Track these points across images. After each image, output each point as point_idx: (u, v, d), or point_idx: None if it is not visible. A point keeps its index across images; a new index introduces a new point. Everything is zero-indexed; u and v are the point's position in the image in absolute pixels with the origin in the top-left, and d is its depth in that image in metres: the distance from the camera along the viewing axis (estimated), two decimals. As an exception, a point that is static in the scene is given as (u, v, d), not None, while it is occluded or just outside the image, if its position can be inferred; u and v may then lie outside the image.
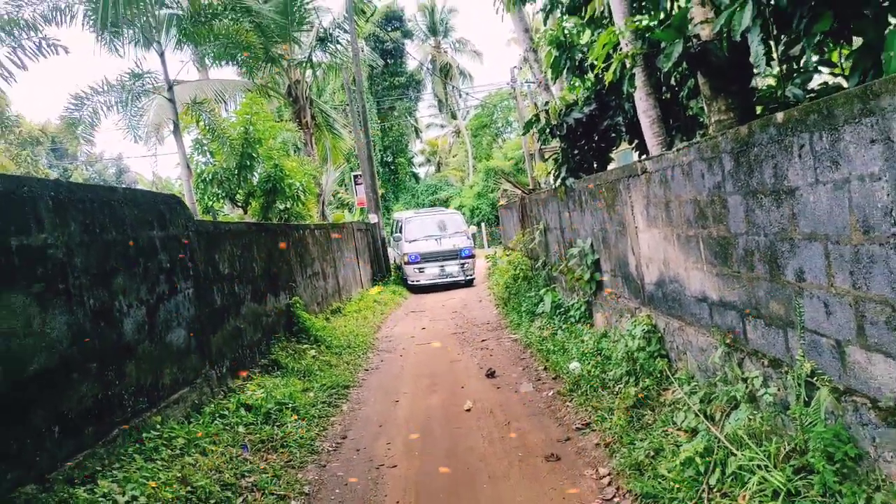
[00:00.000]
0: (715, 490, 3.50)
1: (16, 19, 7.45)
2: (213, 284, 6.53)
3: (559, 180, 9.59)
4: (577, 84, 9.50)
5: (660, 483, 3.86)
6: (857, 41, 4.73)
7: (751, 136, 3.81)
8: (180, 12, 9.51)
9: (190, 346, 5.78)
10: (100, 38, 9.12)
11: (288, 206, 13.97)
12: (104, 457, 4.16)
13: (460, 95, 51.99)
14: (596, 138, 9.50)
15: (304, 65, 18.49)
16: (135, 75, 9.65)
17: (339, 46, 19.77)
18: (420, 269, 17.95)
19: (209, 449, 4.87)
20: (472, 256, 18.34)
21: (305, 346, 8.93)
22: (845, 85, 4.94)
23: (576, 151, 9.56)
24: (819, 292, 3.28)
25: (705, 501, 3.46)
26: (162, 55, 9.59)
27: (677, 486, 3.71)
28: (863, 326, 2.97)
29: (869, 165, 2.79)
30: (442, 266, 17.89)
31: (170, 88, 9.80)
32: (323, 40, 19.14)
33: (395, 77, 44.04)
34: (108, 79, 9.23)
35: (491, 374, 7.74)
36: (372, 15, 30.20)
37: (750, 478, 3.31)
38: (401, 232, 18.86)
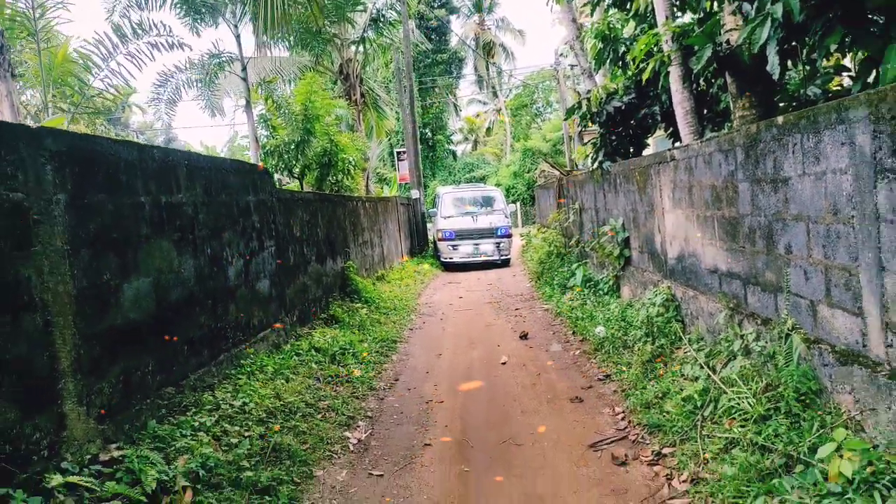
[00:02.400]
0: (708, 419, 4.35)
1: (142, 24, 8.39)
2: (288, 244, 7.55)
3: (596, 163, 10.32)
4: (618, 74, 10.19)
5: (664, 416, 4.73)
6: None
7: (758, 134, 4.58)
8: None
9: (272, 294, 6.81)
10: (184, 21, 10.12)
11: (339, 178, 14.98)
12: (216, 374, 5.21)
13: (499, 73, 52.25)
14: (633, 125, 10.20)
15: (357, 44, 19.33)
16: (213, 55, 10.66)
17: (390, 27, 20.57)
18: (454, 246, 17.49)
19: (291, 377, 5.90)
20: (510, 236, 17.80)
21: (357, 304, 9.96)
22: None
23: (613, 137, 10.29)
24: (801, 262, 4.08)
25: (699, 427, 4.32)
26: (238, 37, 10.57)
27: (678, 417, 4.58)
28: (829, 289, 3.77)
29: (839, 162, 3.57)
30: (476, 244, 17.33)
31: (244, 68, 10.80)
32: (375, 21, 19.96)
33: (437, 54, 44.43)
34: (190, 59, 10.25)
35: (524, 336, 8.64)
36: (425, 1, 30.78)
37: (736, 409, 4.16)
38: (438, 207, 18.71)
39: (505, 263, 17.64)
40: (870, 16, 5.08)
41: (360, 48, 20.32)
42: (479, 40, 49.83)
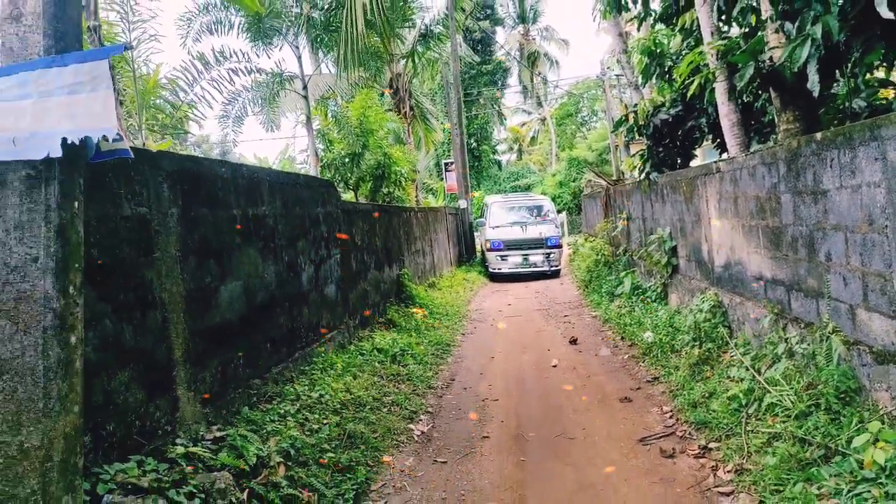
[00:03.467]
0: (752, 416, 4.63)
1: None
2: (351, 252, 8.10)
3: (643, 174, 10.58)
4: (664, 88, 10.44)
5: (710, 414, 5.02)
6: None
7: (799, 149, 4.86)
8: (317, 22, 11.14)
9: (337, 298, 7.34)
10: (253, 45, 10.90)
11: (391, 190, 15.57)
12: (293, 370, 5.74)
13: (545, 83, 52.46)
14: (680, 137, 10.43)
15: (406, 59, 19.98)
16: (276, 75, 11.41)
17: (437, 41, 21.17)
18: (502, 256, 17.17)
19: (358, 374, 6.40)
20: (560, 246, 17.44)
21: (413, 310, 10.44)
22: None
23: (660, 149, 10.53)
24: (840, 269, 4.34)
25: (744, 423, 4.60)
26: (299, 58, 11.30)
27: (723, 415, 4.86)
28: (866, 293, 4.03)
29: (873, 176, 3.84)
30: (525, 255, 16.95)
31: (304, 86, 11.50)
32: (424, 36, 20.59)
33: (482, 65, 44.91)
34: (256, 79, 11.01)
35: (573, 342, 8.96)
36: (471, 12, 31.41)
37: (778, 406, 4.43)
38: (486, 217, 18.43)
39: (555, 275, 17.22)
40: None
41: (410, 62, 20.97)
42: (523, 51, 50.22)
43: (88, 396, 2.77)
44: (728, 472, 4.23)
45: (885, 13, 4.35)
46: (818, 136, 4.54)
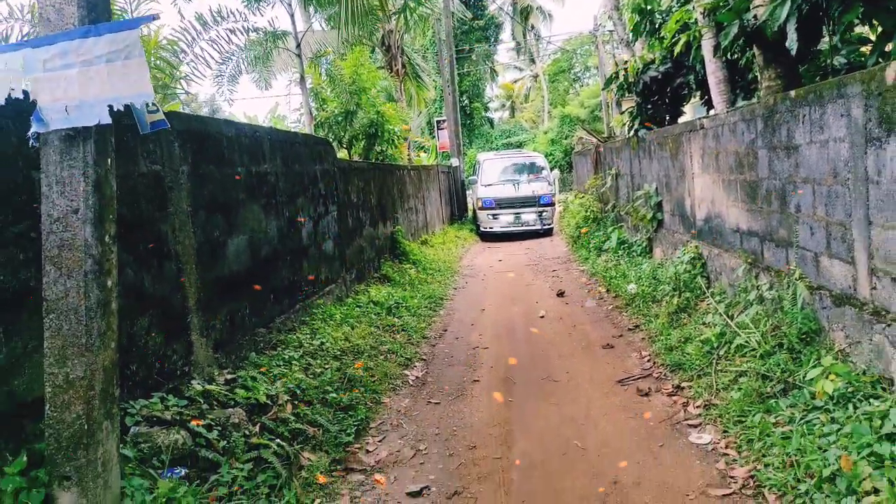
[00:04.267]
0: (722, 357, 5.01)
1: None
2: (347, 209, 8.35)
3: (632, 131, 10.80)
4: (655, 45, 10.57)
5: (684, 357, 5.41)
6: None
7: (775, 106, 5.12)
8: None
9: (335, 254, 7.64)
10: (245, 2, 10.90)
11: (384, 148, 15.70)
12: (294, 320, 6.07)
13: (538, 39, 51.80)
14: (669, 94, 10.64)
15: (398, 15, 19.79)
16: (270, 34, 11.43)
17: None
18: (494, 215, 16.85)
19: (356, 325, 6.74)
20: (553, 204, 17.18)
21: (406, 265, 10.77)
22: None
23: (649, 106, 10.74)
24: (807, 220, 4.66)
25: (714, 364, 4.98)
26: (292, 16, 11.30)
27: (696, 357, 5.25)
28: (829, 242, 4.36)
29: (839, 131, 4.12)
30: (518, 213, 16.70)
31: (298, 45, 11.54)
32: (416, -8, 20.35)
33: (474, 20, 44.22)
34: (251, 38, 11.02)
35: (561, 294, 9.33)
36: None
37: (746, 347, 4.81)
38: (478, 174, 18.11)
39: (547, 233, 17.02)
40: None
41: (402, 18, 20.78)
42: (516, 5, 49.42)
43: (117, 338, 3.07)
44: (697, 407, 4.63)
45: (859, -25, 4.56)
46: (792, 93, 4.80)
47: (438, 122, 24.70)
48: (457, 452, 4.31)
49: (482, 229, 17.28)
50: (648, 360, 5.87)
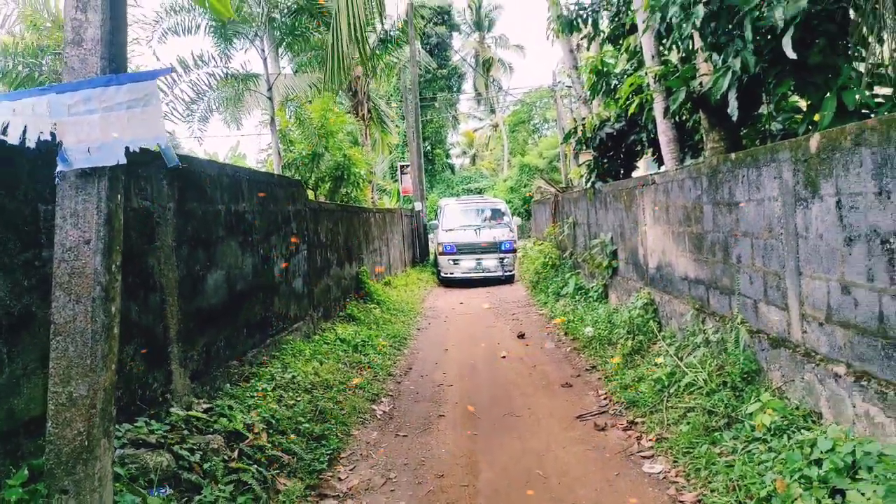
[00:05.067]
0: (672, 395, 5.38)
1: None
2: (316, 249, 8.57)
3: (589, 183, 11.41)
4: (610, 104, 11.31)
5: (638, 395, 5.76)
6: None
7: (718, 166, 5.66)
8: (283, 26, 11.54)
9: (304, 291, 7.82)
10: (217, 45, 11.22)
11: (349, 190, 16.02)
12: (265, 354, 6.21)
13: (499, 90, 53.60)
14: (623, 150, 11.32)
15: (366, 63, 20.42)
16: (242, 77, 11.75)
17: (396, 46, 21.70)
18: (455, 260, 16.68)
19: (324, 360, 6.90)
20: (514, 251, 17.07)
21: (371, 305, 10.97)
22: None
23: (605, 160, 11.40)
24: (747, 269, 5.13)
25: (665, 401, 5.34)
26: (265, 60, 11.66)
27: (649, 394, 5.61)
28: (766, 290, 4.82)
29: (772, 191, 4.63)
30: (479, 259, 16.57)
31: (269, 89, 11.87)
32: (383, 41, 21.09)
33: (438, 70, 45.56)
34: (221, 76, 11.30)
35: (521, 336, 9.66)
36: (429, 21, 32.01)
37: (693, 386, 5.19)
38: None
39: (509, 280, 16.86)
40: (813, 70, 6.17)
41: (369, 66, 21.43)
42: (478, 57, 51.27)
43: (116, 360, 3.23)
44: (650, 440, 4.96)
45: (790, 53, 5.20)
46: (733, 156, 5.34)
47: (402, 166, 25.23)
48: (425, 481, 4.51)
49: (442, 275, 17.09)
50: (605, 398, 6.20)
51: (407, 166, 24.52)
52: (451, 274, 16.78)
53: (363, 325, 9.62)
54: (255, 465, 3.96)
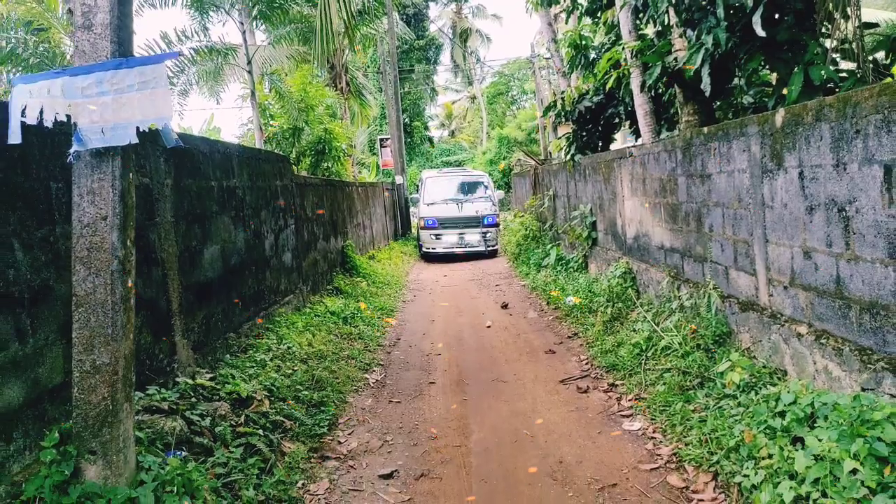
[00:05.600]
0: (650, 358, 5.71)
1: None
2: (303, 224, 8.73)
3: (569, 156, 11.65)
4: (589, 77, 11.50)
5: (618, 359, 6.09)
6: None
7: (691, 139, 5.92)
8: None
9: (293, 266, 7.99)
10: (193, 18, 11.14)
11: (329, 164, 16.07)
12: (260, 326, 6.41)
13: (478, 61, 53.31)
14: (601, 123, 11.55)
15: (343, 35, 20.25)
16: (224, 50, 11.68)
17: (374, 18, 21.53)
18: (436, 235, 16.53)
19: (316, 332, 7.13)
20: (497, 225, 16.96)
21: (357, 279, 11.18)
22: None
23: (584, 133, 11.62)
24: (719, 238, 5.44)
25: (643, 364, 5.68)
26: (244, 33, 11.59)
27: (628, 359, 5.94)
28: (736, 257, 5.13)
29: (741, 163, 4.91)
30: (461, 234, 16.44)
31: (249, 62, 11.83)
32: (361, 12, 20.90)
33: (415, 41, 45.08)
34: (206, 50, 11.22)
35: (505, 306, 9.96)
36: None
37: (669, 349, 5.52)
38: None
39: (492, 255, 16.75)
40: (782, 46, 6.43)
41: (347, 38, 21.25)
42: (456, 28, 50.78)
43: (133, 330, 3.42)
44: (629, 400, 5.29)
45: (759, 31, 5.44)
46: (705, 129, 5.61)
47: (382, 139, 25.21)
48: (420, 442, 4.80)
49: (424, 249, 16.99)
50: (586, 363, 6.53)
51: (387, 139, 24.53)
52: (433, 249, 16.64)
53: (351, 297, 9.83)
54: (261, 430, 4.20)
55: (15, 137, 2.80)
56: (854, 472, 2.91)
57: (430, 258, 16.81)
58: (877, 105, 3.35)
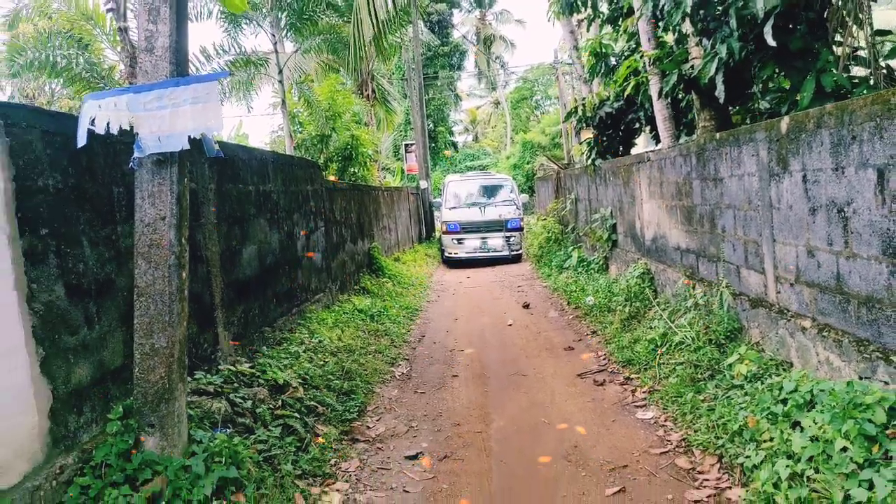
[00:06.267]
0: (664, 353, 5.95)
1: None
2: (332, 226, 9.12)
3: (590, 161, 11.90)
4: (610, 84, 11.74)
5: (634, 354, 6.33)
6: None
7: (705, 145, 6.16)
8: (291, 10, 11.94)
9: (323, 266, 8.38)
10: (228, 31, 11.66)
11: (356, 170, 16.51)
12: (292, 322, 6.79)
13: (502, 66, 53.62)
14: (622, 128, 11.78)
15: (370, 44, 20.74)
16: (257, 62, 12.20)
17: (400, 27, 22.01)
18: (459, 240, 16.12)
19: (345, 328, 7.49)
20: (521, 229, 16.40)
21: (383, 279, 11.55)
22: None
23: (604, 138, 11.86)
24: (730, 238, 5.66)
25: (658, 359, 5.91)
26: (275, 45, 12.09)
27: (643, 354, 6.18)
28: (746, 256, 5.36)
29: (751, 168, 5.14)
30: (484, 238, 15.99)
31: (280, 72, 12.31)
32: (388, 22, 21.37)
33: (440, 47, 45.57)
34: (242, 63, 11.76)
35: (526, 306, 10.23)
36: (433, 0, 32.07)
37: (683, 344, 5.76)
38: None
39: (516, 259, 16.28)
40: (794, 55, 6.62)
41: (374, 46, 21.74)
42: (479, 34, 51.18)
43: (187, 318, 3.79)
44: (643, 392, 5.54)
45: (771, 41, 5.66)
46: (717, 136, 5.84)
47: (407, 145, 25.66)
48: (443, 428, 5.11)
49: (446, 255, 16.53)
50: (604, 359, 6.78)
51: (411, 145, 24.96)
52: (455, 254, 16.25)
53: (377, 297, 10.20)
54: (297, 414, 4.55)
55: (82, 141, 3.20)
56: (844, 449, 3.15)
57: (453, 263, 16.45)
58: (870, 113, 3.58)
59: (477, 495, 3.98)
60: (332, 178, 15.95)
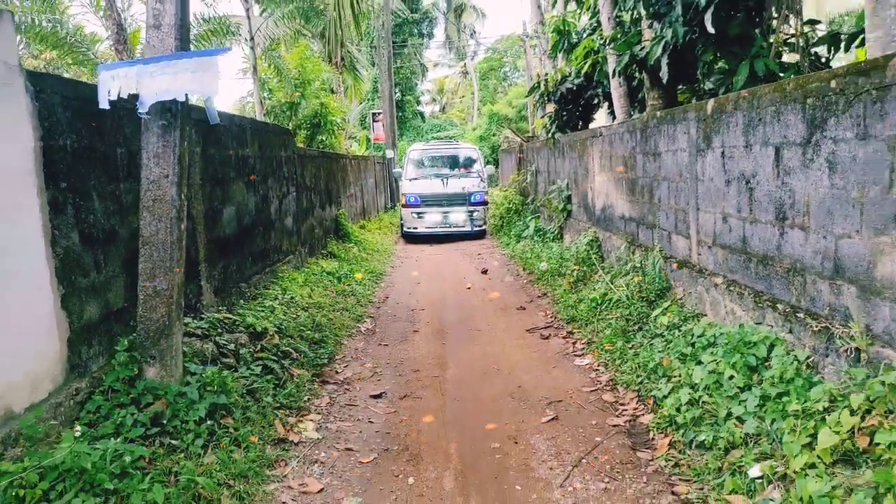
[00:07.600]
0: (603, 311, 6.67)
1: None
2: (303, 192, 9.56)
3: (550, 134, 12.52)
4: (571, 61, 12.30)
5: (577, 312, 7.05)
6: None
7: (647, 122, 6.81)
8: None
9: (293, 229, 8.85)
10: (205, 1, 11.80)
11: (324, 137, 16.82)
12: (265, 280, 7.29)
13: (472, 35, 53.57)
14: (581, 104, 12.40)
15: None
16: (233, 30, 12.38)
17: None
18: (419, 214, 15.12)
19: (314, 287, 8.02)
20: (485, 203, 15.55)
21: (349, 245, 12.05)
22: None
23: (565, 113, 12.48)
24: (665, 208, 6.36)
25: (597, 315, 6.63)
26: (248, 10, 12.27)
27: (585, 311, 6.90)
28: (676, 224, 6.07)
29: (682, 144, 5.81)
30: (446, 213, 15.11)
31: (251, 38, 12.52)
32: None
33: (409, 15, 45.22)
34: (216, 33, 11.94)
35: (484, 272, 10.89)
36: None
37: (619, 301, 6.48)
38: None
39: (479, 235, 15.50)
40: (732, 40, 7.28)
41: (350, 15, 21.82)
42: (450, 2, 50.97)
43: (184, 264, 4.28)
44: (582, 344, 6.26)
45: (710, 28, 6.28)
46: (658, 114, 6.50)
47: (374, 114, 25.86)
48: (404, 374, 5.74)
49: (405, 229, 15.53)
50: (551, 317, 7.49)
51: (379, 113, 25.18)
52: (415, 228, 15.30)
53: (344, 261, 10.72)
54: (274, 356, 5.11)
55: (104, 104, 3.64)
56: (731, 378, 3.88)
57: (412, 238, 15.52)
58: (772, 99, 4.25)
59: (433, 422, 4.63)
60: (300, 145, 16.26)
